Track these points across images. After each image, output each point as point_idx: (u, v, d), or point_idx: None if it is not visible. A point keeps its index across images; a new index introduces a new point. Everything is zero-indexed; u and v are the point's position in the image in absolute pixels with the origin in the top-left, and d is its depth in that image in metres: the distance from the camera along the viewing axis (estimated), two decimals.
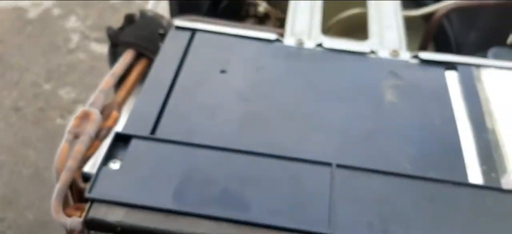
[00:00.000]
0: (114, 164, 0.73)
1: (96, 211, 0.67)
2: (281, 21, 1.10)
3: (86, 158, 0.78)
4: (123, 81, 0.95)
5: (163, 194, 0.69)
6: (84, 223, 0.67)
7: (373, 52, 0.99)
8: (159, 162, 0.74)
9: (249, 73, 0.93)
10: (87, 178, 0.75)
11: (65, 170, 0.73)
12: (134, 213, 0.67)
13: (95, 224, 0.67)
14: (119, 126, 0.84)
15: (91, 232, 0.68)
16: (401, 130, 0.84)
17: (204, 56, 0.96)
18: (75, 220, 0.69)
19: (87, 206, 0.68)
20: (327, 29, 1.28)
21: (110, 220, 0.66)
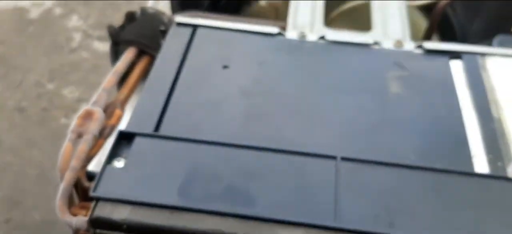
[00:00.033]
0: (118, 162, 0.73)
1: (101, 210, 0.67)
2: (283, 15, 1.09)
3: (90, 157, 0.78)
4: (126, 79, 0.95)
5: (168, 190, 0.69)
6: (89, 222, 0.67)
7: (376, 43, 0.99)
8: (163, 159, 0.73)
9: (251, 68, 0.92)
10: (91, 177, 0.75)
11: (69, 170, 0.73)
12: (139, 211, 0.67)
13: (100, 223, 0.67)
14: (123, 124, 0.84)
15: (97, 230, 0.68)
16: (406, 121, 0.83)
17: (206, 52, 0.95)
18: (81, 219, 0.69)
19: (92, 205, 0.68)
20: (330, 22, 1.27)
21: (115, 218, 0.66)
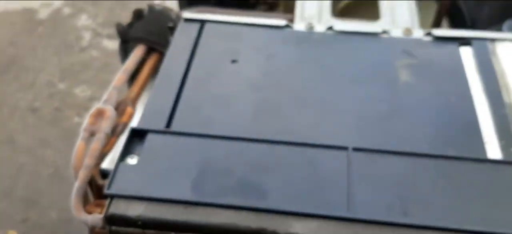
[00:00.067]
0: (131, 159, 0.74)
1: (116, 207, 0.68)
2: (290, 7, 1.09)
3: (103, 155, 0.78)
4: (136, 76, 0.96)
5: (181, 186, 0.70)
6: (105, 219, 0.68)
7: (385, 32, 0.98)
8: (175, 155, 0.74)
9: (260, 62, 0.92)
10: (105, 174, 0.76)
11: (82, 168, 0.74)
12: (153, 207, 0.68)
13: (115, 220, 0.68)
14: (134, 121, 0.84)
15: (113, 227, 0.69)
16: (417, 109, 0.83)
17: (214, 47, 0.95)
18: (96, 216, 0.70)
19: (107, 203, 0.69)
20: (338, 12, 1.27)
21: (130, 215, 0.67)
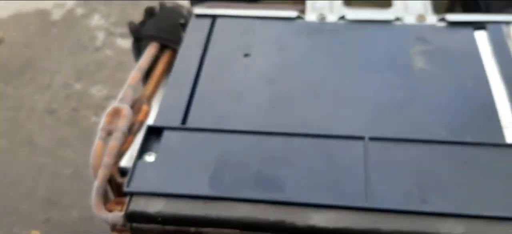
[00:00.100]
0: (149, 157, 0.74)
1: (136, 204, 0.69)
2: None
3: (121, 153, 0.79)
4: (150, 74, 0.96)
5: (199, 181, 0.70)
6: (125, 217, 0.69)
7: (398, 19, 0.97)
8: (192, 151, 0.75)
9: (273, 54, 0.92)
10: (124, 172, 0.77)
11: (102, 167, 0.75)
12: (173, 202, 0.68)
13: (136, 217, 0.69)
14: (150, 119, 0.85)
15: (133, 224, 0.70)
16: (433, 96, 0.82)
17: (226, 41, 0.96)
18: (116, 214, 0.70)
19: (127, 200, 0.69)
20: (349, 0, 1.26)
21: (150, 211, 0.68)
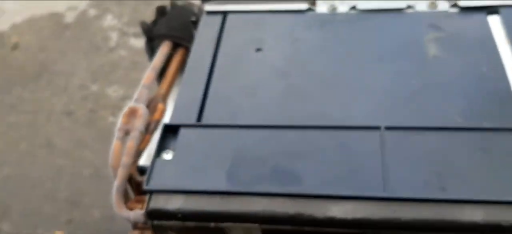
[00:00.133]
0: (166, 155, 0.75)
1: (156, 202, 0.70)
2: None
3: (139, 152, 0.81)
4: (164, 73, 0.97)
5: (217, 177, 0.71)
6: (146, 214, 0.70)
7: (410, 7, 0.97)
8: (209, 147, 0.75)
9: (285, 48, 0.93)
10: (143, 171, 0.78)
11: (121, 167, 0.76)
12: (192, 199, 0.69)
13: (156, 214, 0.70)
14: (166, 117, 0.86)
15: (154, 221, 0.71)
16: (448, 83, 0.82)
17: (238, 37, 0.96)
18: (138, 212, 0.72)
19: (147, 198, 0.71)
20: None
21: (170, 209, 0.69)
